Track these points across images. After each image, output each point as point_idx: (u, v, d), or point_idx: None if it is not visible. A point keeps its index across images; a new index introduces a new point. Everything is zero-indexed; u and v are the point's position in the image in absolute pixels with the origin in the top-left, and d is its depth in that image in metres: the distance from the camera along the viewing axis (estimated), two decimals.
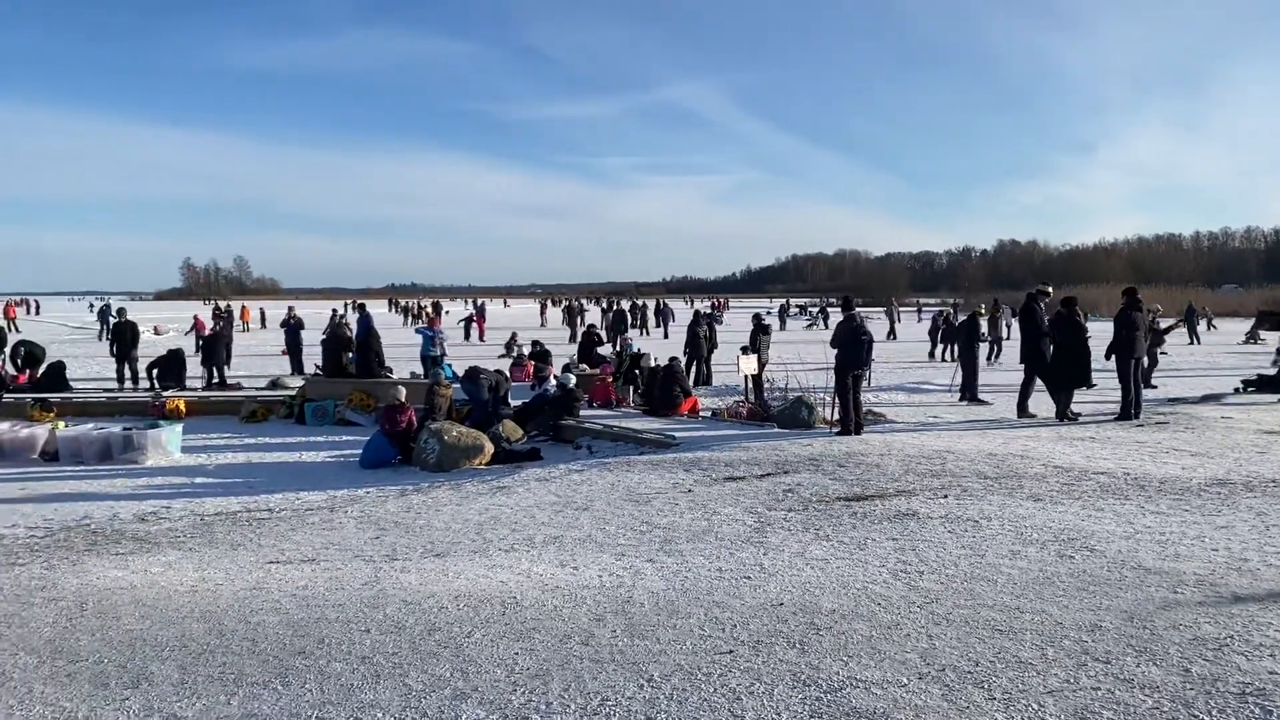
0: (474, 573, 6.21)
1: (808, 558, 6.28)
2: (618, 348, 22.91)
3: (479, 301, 56.97)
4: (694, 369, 19.76)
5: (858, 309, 13.17)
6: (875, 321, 28.74)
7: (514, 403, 15.42)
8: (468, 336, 37.62)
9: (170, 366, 18.18)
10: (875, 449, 10.31)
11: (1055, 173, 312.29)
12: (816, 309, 62.57)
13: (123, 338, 19.32)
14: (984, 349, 21.03)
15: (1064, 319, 13.27)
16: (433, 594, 5.62)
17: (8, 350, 19.42)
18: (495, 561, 6.56)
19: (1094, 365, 13.15)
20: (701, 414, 14.97)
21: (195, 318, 32.66)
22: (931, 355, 27.47)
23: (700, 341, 20.22)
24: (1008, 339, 28.39)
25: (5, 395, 15.98)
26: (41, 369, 18.28)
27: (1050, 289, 14.94)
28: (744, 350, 17.70)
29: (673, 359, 16.28)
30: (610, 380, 16.75)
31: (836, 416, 12.42)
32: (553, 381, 15.82)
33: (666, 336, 38.80)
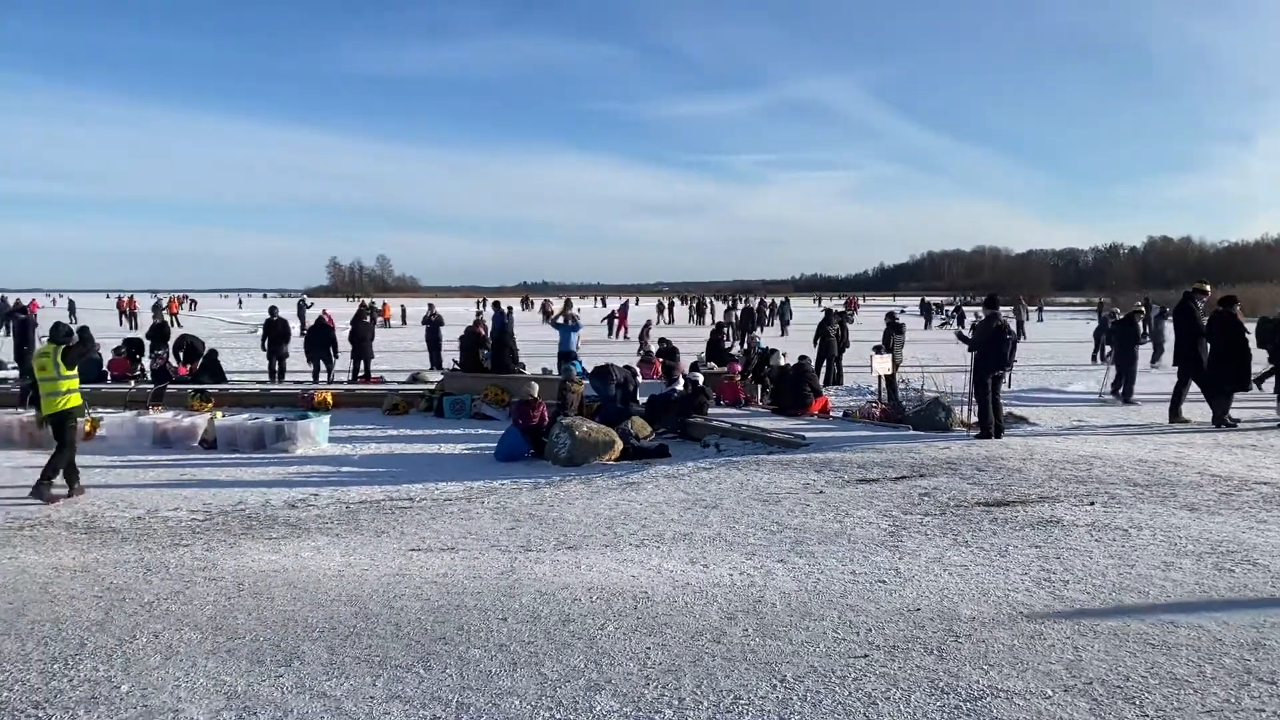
0: (605, 566, 6.29)
1: (945, 563, 6.12)
2: (746, 346, 22.80)
3: (623, 299, 57.53)
4: (825, 368, 19.50)
5: (1001, 308, 12.72)
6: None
7: (642, 399, 15.55)
8: (611, 333, 37.95)
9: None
10: (1016, 453, 9.96)
11: (1210, 165, 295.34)
12: (952, 307, 60.71)
13: (273, 334, 20.29)
14: (1145, 351, 19.89)
15: (1222, 319, 12.53)
16: (566, 585, 5.72)
17: (170, 344, 20.66)
18: (626, 556, 6.63)
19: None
20: (832, 414, 14.76)
21: (324, 312, 34.38)
22: (1094, 358, 25.75)
23: (831, 340, 19.93)
24: (1145, 339, 26.80)
25: (169, 386, 17.00)
26: (200, 362, 19.37)
27: (1208, 287, 14.13)
28: (877, 349, 17.36)
29: (803, 358, 16.10)
30: (738, 378, 16.68)
31: (975, 418, 12.05)
32: (680, 381, 15.87)
33: (784, 334, 38.37)
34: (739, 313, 35.60)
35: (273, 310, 20.99)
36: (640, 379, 17.65)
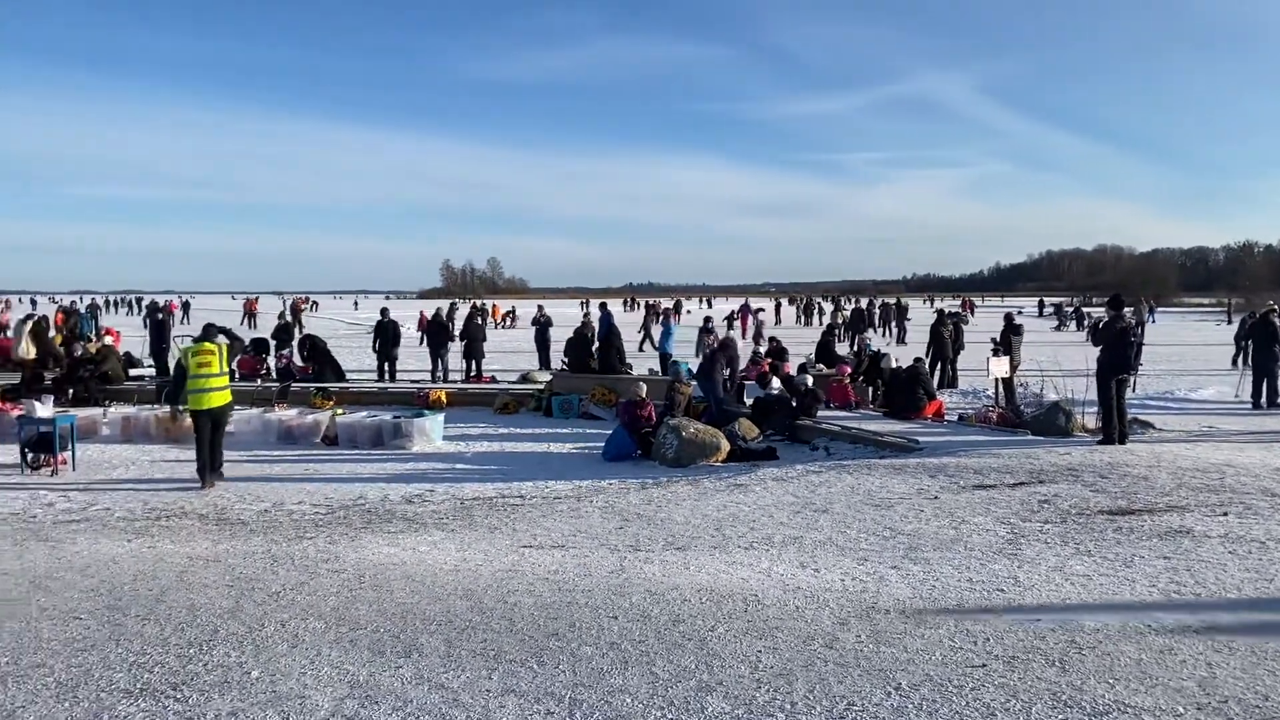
0: (714, 568, 6.29)
1: (1067, 573, 5.92)
2: (856, 347, 22.45)
3: (745, 300, 57.35)
4: (938, 370, 19.06)
5: (1127, 309, 12.21)
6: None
7: (749, 401, 15.46)
8: (731, 330, 37.71)
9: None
10: (1142, 459, 9.55)
11: None
12: (1071, 308, 58.47)
13: (384, 335, 20.91)
14: None
15: None
16: (675, 586, 5.74)
17: (294, 343, 21.45)
18: (735, 559, 6.61)
19: None
20: (946, 418, 14.41)
21: (420, 313, 35.92)
22: (1234, 362, 24.04)
23: (945, 342, 19.47)
24: None
25: (292, 385, 17.67)
26: (321, 361, 20.05)
27: None
28: (995, 351, 16.87)
29: (916, 360, 15.76)
30: (848, 381, 16.43)
31: (1098, 424, 11.60)
32: (776, 384, 15.70)
33: (901, 342, 37.57)
34: (848, 314, 35.05)
35: (384, 312, 21.60)
36: (748, 380, 17.57)
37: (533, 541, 7.25)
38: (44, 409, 11.54)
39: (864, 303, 51.60)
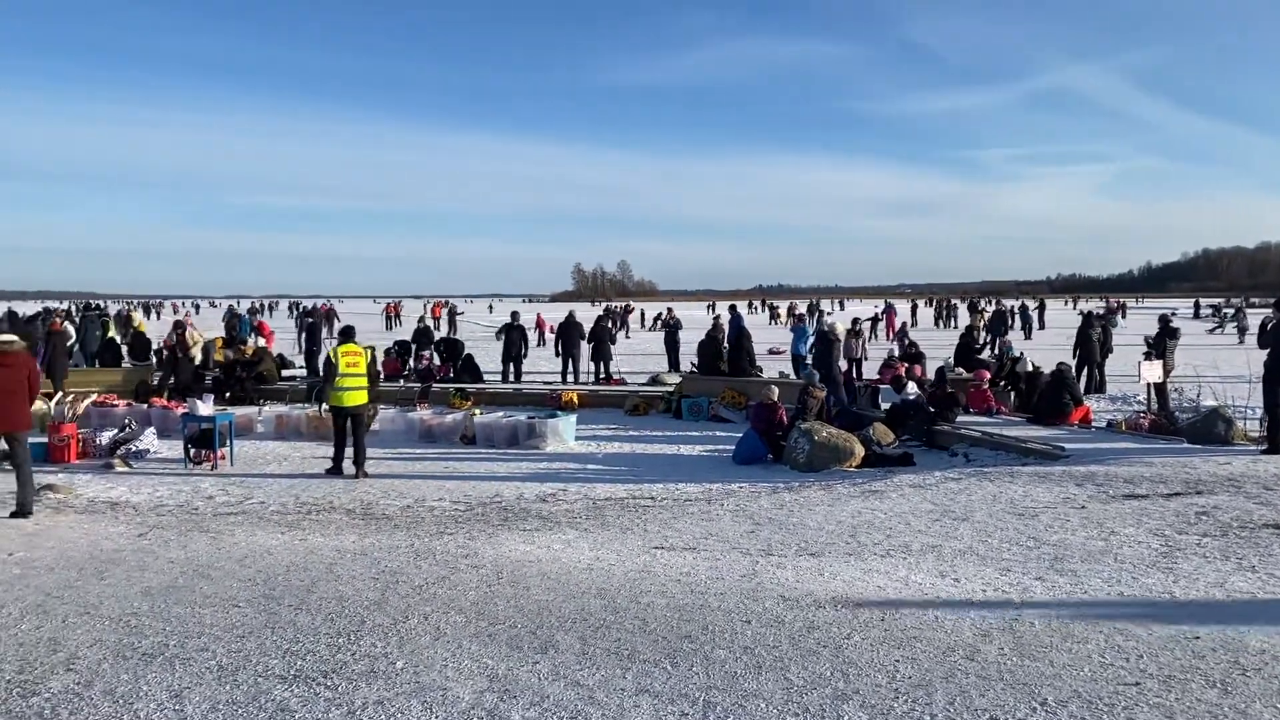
0: (849, 575, 6.18)
1: (1228, 589, 5.58)
2: (996, 350, 21.72)
3: (886, 300, 56.42)
4: (1085, 375, 18.25)
5: None
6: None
7: (884, 405, 15.15)
8: (873, 335, 37.01)
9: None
10: None
11: None
12: (1231, 310, 54.99)
13: (510, 339, 21.45)
14: None
15: None
16: (809, 592, 5.67)
17: (433, 345, 22.18)
18: (870, 566, 6.48)
19: None
20: (1094, 424, 13.79)
21: (538, 316, 37.35)
22: None
23: (1092, 345, 18.64)
24: None
25: (432, 385, 18.26)
26: (460, 362, 20.66)
27: None
28: (1147, 355, 16.04)
29: (1061, 364, 15.12)
30: (988, 385, 15.91)
31: (1263, 432, 10.90)
32: (912, 388, 15.34)
33: (1029, 338, 36.15)
34: (989, 316, 33.88)
35: (514, 315, 22.11)
36: (882, 383, 17.23)
37: (664, 543, 7.28)
38: (205, 407, 12.27)
39: (1006, 305, 49.77)
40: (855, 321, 23.51)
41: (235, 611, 5.32)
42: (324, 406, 11.40)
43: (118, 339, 22.88)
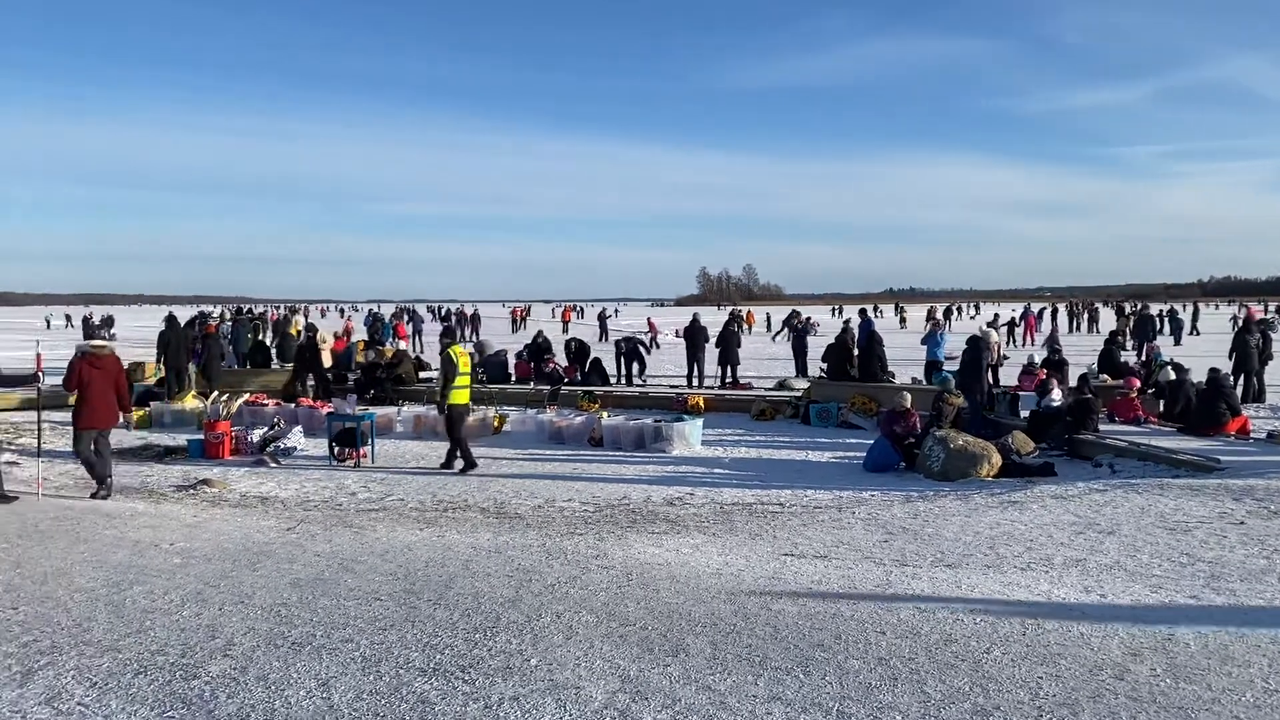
0: (988, 587, 5.99)
1: None
2: (1144, 358, 20.68)
3: (1027, 304, 54.72)
4: (1242, 383, 17.20)
5: None
6: None
7: (1024, 413, 14.62)
8: (1010, 340, 35.77)
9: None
10: None
11: None
12: None
13: (630, 344, 21.79)
14: None
15: None
16: (946, 604, 5.51)
17: (561, 347, 22.55)
18: (1010, 579, 6.27)
19: None
20: (1253, 435, 12.98)
21: (649, 320, 38.01)
22: None
23: (1251, 352, 17.54)
24: None
25: (561, 388, 18.56)
26: (587, 365, 20.95)
27: None
28: None
29: (1215, 370, 14.29)
30: (1135, 393, 15.17)
31: None
32: (1058, 394, 14.71)
33: (1178, 344, 34.15)
34: (1134, 320, 32.27)
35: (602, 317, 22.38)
36: (1019, 390, 16.63)
37: (794, 550, 7.20)
38: (348, 407, 12.79)
39: (1154, 309, 47.32)
40: (993, 324, 22.77)
41: (377, 604, 5.52)
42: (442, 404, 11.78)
43: (267, 341, 24.04)
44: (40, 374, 9.60)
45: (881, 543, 7.49)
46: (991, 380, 16.53)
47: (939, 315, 51.79)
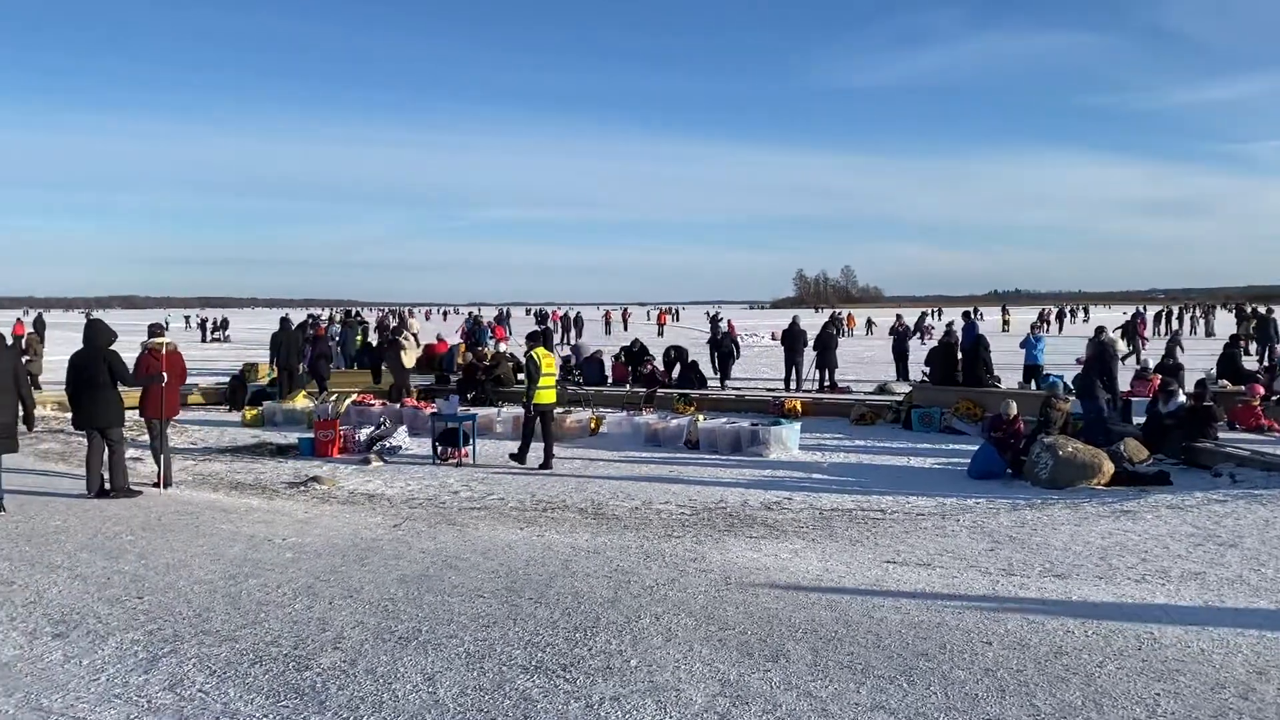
0: (1100, 600, 5.79)
1: None
2: (1268, 362, 19.70)
3: (1140, 307, 52.87)
4: None
5: None
6: None
7: (1137, 420, 14.08)
8: (1131, 345, 34.35)
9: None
10: None
11: None
12: None
13: (723, 348, 21.69)
14: None
15: None
16: (1056, 615, 5.35)
17: (661, 354, 22.61)
18: (1124, 591, 6.05)
19: None
20: None
21: (728, 321, 38.60)
22: None
23: None
24: None
25: (657, 391, 18.61)
26: (683, 368, 20.96)
27: None
28: None
29: None
30: (1258, 400, 14.45)
31: None
32: (1180, 398, 14.10)
33: None
34: (1257, 323, 30.71)
35: (714, 321, 22.32)
36: (1132, 396, 16.02)
37: (896, 557, 7.08)
38: (450, 407, 13.07)
39: (1277, 311, 44.94)
40: (1099, 331, 21.96)
41: (480, 602, 5.62)
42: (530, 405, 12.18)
43: (374, 343, 24.71)
44: (164, 374, 10.04)
45: (987, 551, 7.31)
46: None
47: (1052, 316, 50.53)
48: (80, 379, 9.21)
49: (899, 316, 26.50)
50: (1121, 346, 22.62)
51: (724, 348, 22.38)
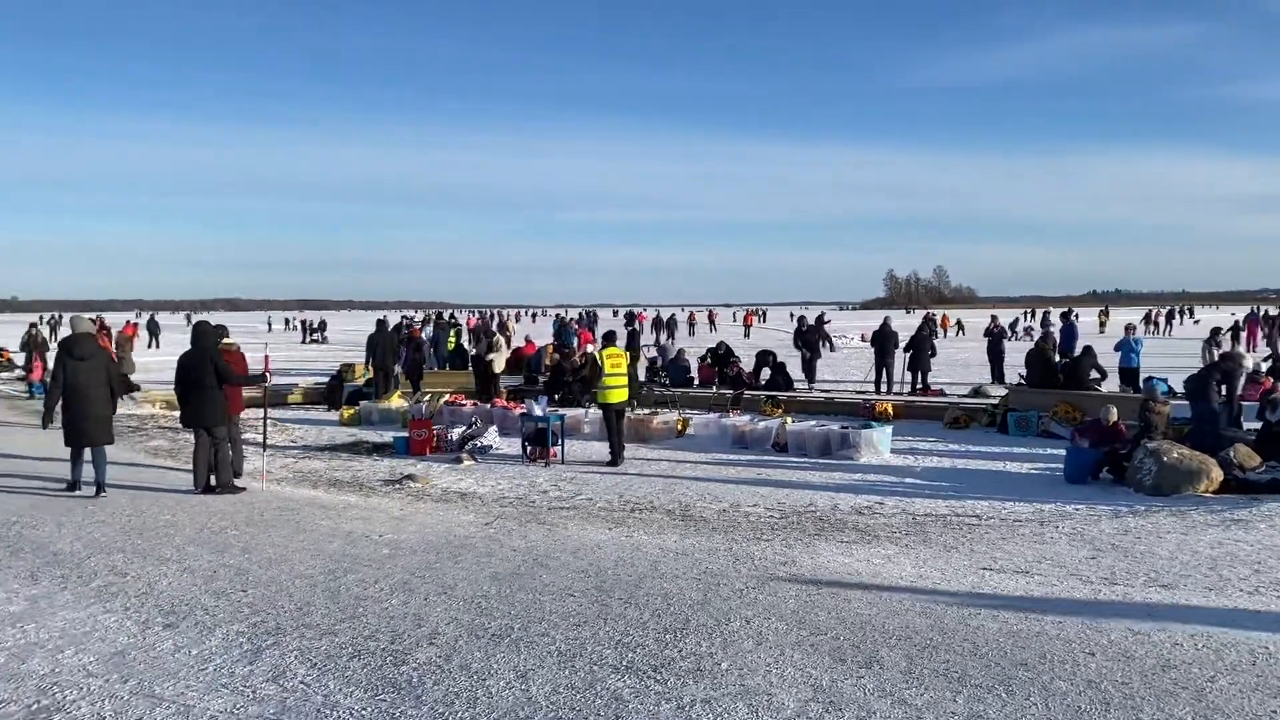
0: (1209, 612, 5.57)
1: None
2: None
3: (1255, 307, 50.80)
4: None
5: None
6: None
7: (1248, 425, 13.48)
8: (1236, 346, 33.06)
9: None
10: None
11: None
12: None
13: (812, 347, 21.46)
14: None
15: None
16: (1163, 627, 5.16)
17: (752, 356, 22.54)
18: (1235, 603, 5.81)
19: None
20: None
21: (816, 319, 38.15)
22: None
23: None
24: None
25: (744, 392, 18.53)
26: (768, 370, 20.84)
27: None
28: None
29: None
30: None
31: None
32: None
33: None
34: None
35: (801, 320, 22.09)
36: (1241, 400, 15.35)
37: (993, 564, 6.91)
38: (539, 408, 13.22)
39: None
40: (1215, 332, 21.14)
41: (571, 600, 5.67)
42: (589, 401, 12.49)
43: (466, 345, 25.16)
44: (268, 374, 10.38)
45: (1088, 560, 7.09)
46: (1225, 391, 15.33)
47: (1160, 317, 48.86)
48: (188, 379, 9.58)
49: (994, 318, 25.75)
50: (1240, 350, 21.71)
51: (810, 340, 22.00)
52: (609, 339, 13.79)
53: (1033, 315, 65.08)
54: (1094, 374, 16.61)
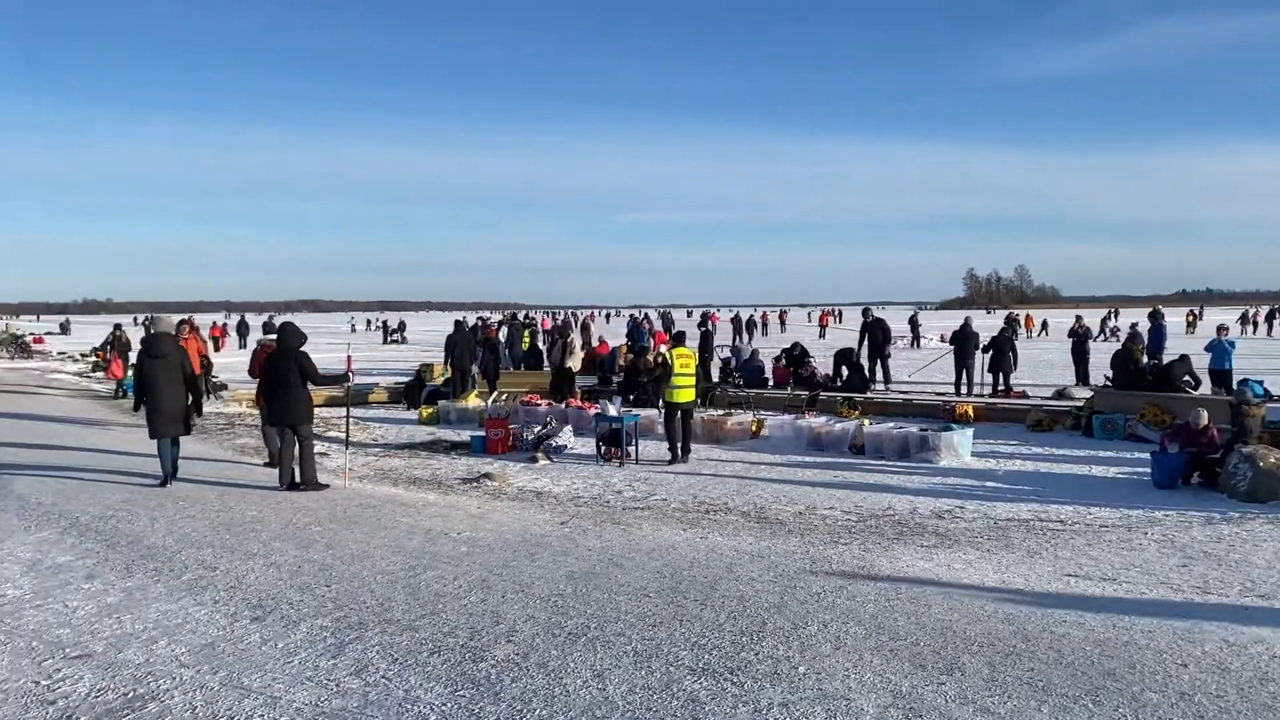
0: None
1: None
2: None
3: None
4: None
5: None
6: None
7: None
8: None
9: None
10: None
11: None
12: None
13: (874, 343, 21.13)
14: None
15: None
16: (1260, 639, 4.97)
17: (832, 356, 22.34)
18: None
19: None
20: None
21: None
22: None
23: None
24: None
25: (820, 394, 18.35)
26: (845, 371, 20.61)
27: None
28: None
29: None
30: None
31: None
32: None
33: None
34: None
35: (866, 312, 21.84)
36: None
37: (1078, 571, 6.74)
38: (613, 408, 13.27)
39: None
40: None
41: (646, 601, 5.69)
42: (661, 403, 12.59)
43: (540, 345, 25.39)
44: (350, 374, 10.62)
45: (1179, 568, 6.86)
46: None
47: (1260, 317, 47.24)
48: (274, 378, 9.85)
49: (1079, 318, 25.05)
50: None
51: (874, 335, 21.28)
52: (679, 339, 13.95)
53: (1117, 315, 63.30)
54: (1187, 380, 16.06)
